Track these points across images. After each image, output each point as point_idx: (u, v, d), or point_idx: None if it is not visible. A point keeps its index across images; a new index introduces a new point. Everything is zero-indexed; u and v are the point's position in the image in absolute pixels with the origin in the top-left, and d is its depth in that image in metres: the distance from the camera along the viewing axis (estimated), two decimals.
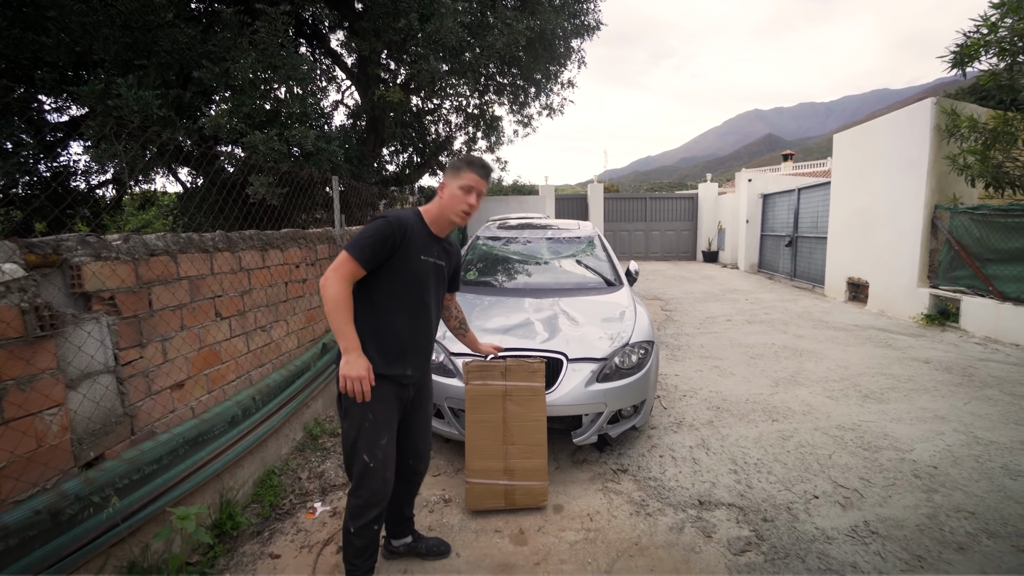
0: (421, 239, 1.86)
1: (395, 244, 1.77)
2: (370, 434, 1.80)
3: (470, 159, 1.90)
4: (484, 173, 1.90)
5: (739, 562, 2.16)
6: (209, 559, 2.18)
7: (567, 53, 8.70)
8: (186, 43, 4.82)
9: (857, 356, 5.11)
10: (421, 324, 1.90)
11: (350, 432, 1.82)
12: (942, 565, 2.10)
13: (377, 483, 1.81)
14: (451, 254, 2.07)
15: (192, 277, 2.33)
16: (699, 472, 2.93)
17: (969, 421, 3.49)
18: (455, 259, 2.11)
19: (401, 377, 1.87)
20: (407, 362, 1.87)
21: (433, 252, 1.92)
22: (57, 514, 1.56)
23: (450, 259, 2.06)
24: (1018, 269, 5.45)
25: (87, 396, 1.76)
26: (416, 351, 1.90)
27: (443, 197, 1.88)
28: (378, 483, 1.82)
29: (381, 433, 1.82)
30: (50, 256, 1.65)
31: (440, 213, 1.90)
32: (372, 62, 6.93)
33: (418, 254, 1.84)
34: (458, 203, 1.85)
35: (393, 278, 1.81)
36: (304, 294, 3.44)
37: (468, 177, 1.85)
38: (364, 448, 1.79)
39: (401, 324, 1.84)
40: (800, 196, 10.55)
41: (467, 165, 1.87)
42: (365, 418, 1.79)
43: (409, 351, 1.87)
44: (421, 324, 1.90)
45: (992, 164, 5.66)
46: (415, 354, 1.90)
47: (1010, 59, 5.32)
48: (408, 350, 1.87)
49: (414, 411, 2.02)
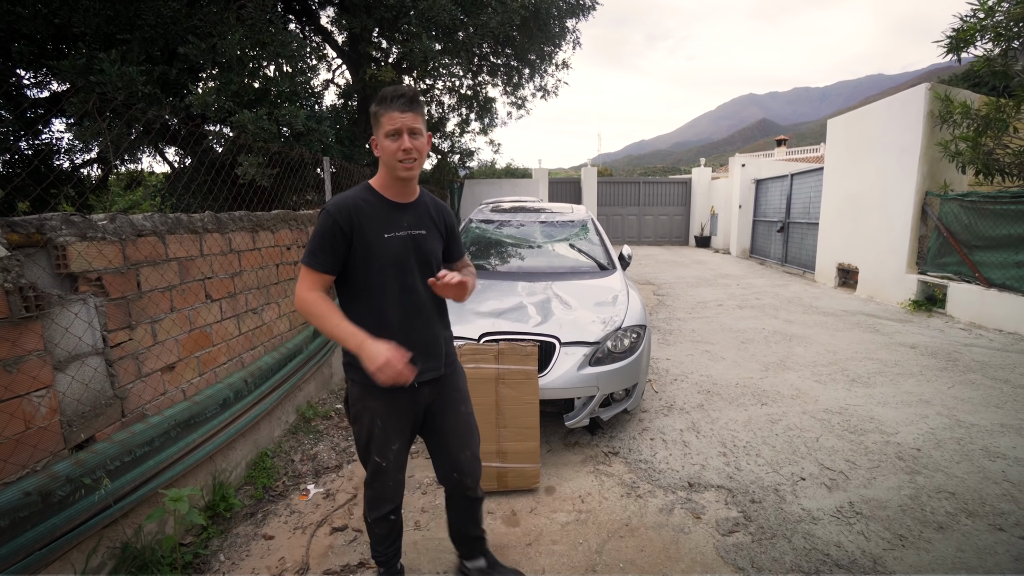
0: (378, 215, 1.58)
1: (344, 233, 1.53)
2: (380, 439, 1.67)
3: (381, 94, 1.52)
4: (404, 103, 1.49)
5: (727, 542, 2.21)
6: (202, 540, 2.18)
7: (562, 33, 8.57)
8: (171, 17, 4.67)
9: (845, 341, 5.18)
10: (414, 310, 1.63)
11: (361, 435, 1.70)
12: (922, 544, 2.16)
13: (389, 482, 1.73)
14: (434, 218, 1.71)
15: (181, 258, 2.29)
16: (689, 455, 2.97)
17: (952, 405, 3.57)
18: (442, 221, 1.75)
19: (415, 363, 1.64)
20: (414, 359, 1.60)
21: (402, 224, 1.61)
22: (48, 495, 1.55)
23: (434, 224, 1.71)
24: (1004, 256, 5.53)
25: (76, 378, 1.74)
26: (417, 343, 1.62)
27: (380, 156, 1.57)
28: (390, 482, 1.73)
29: (391, 439, 1.68)
30: (33, 236, 1.61)
31: (385, 175, 1.60)
32: (363, 40, 6.77)
33: (380, 233, 1.56)
34: (391, 152, 1.51)
35: (363, 270, 1.57)
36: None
37: (387, 119, 1.50)
38: (375, 450, 1.68)
39: (390, 317, 1.60)
40: (793, 182, 10.58)
41: (380, 104, 1.51)
42: (374, 425, 1.66)
43: (407, 344, 1.57)
44: (414, 310, 1.63)
45: (983, 151, 5.69)
46: (417, 346, 1.62)
47: (1005, 44, 5.30)
48: (405, 343, 1.57)
49: (441, 414, 1.75)
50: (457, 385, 1.79)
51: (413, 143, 1.51)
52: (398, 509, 1.80)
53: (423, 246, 1.65)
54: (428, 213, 1.70)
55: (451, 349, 1.80)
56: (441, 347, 1.72)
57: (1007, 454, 2.87)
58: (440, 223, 1.74)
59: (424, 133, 1.57)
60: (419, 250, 1.63)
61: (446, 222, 1.76)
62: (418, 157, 1.55)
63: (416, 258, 1.63)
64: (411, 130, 1.51)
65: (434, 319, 1.70)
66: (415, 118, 1.51)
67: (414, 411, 1.70)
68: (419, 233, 1.65)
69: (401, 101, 1.49)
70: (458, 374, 1.81)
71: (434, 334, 1.70)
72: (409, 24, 6.12)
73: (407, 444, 1.74)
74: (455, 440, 1.77)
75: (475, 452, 1.81)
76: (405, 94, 1.50)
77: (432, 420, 1.75)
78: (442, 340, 1.74)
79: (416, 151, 1.53)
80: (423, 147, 1.56)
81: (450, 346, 1.79)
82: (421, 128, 1.54)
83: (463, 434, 1.78)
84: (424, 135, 1.57)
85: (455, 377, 1.79)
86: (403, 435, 1.70)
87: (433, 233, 1.70)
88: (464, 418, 1.78)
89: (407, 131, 1.50)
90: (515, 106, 9.63)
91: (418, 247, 1.63)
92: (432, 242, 1.68)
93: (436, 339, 1.71)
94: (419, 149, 1.54)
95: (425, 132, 1.58)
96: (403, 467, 1.75)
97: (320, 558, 2.13)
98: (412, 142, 1.51)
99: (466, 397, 1.82)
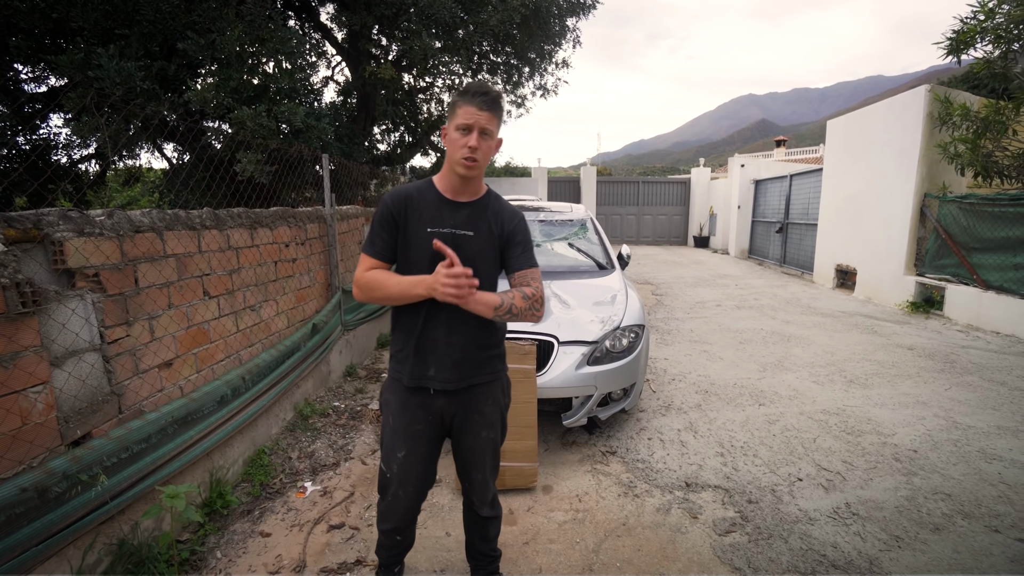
0: (430, 208, 1.54)
1: (395, 221, 1.52)
2: (387, 441, 1.63)
3: (465, 87, 1.49)
4: (484, 102, 1.45)
5: (724, 542, 2.22)
6: (199, 537, 2.18)
7: (562, 32, 8.55)
8: (169, 12, 4.65)
9: (843, 342, 5.19)
10: (437, 312, 1.53)
11: (381, 432, 1.66)
12: (919, 545, 2.17)
13: (388, 496, 1.66)
14: (490, 221, 1.59)
15: (179, 255, 2.28)
16: (686, 455, 2.97)
17: (949, 406, 3.58)
18: (501, 227, 1.61)
19: (423, 380, 1.57)
20: (427, 362, 1.57)
21: (448, 221, 1.54)
22: (44, 492, 1.54)
23: (489, 227, 1.59)
24: (1002, 258, 5.54)
25: (72, 374, 1.73)
26: (433, 348, 1.56)
27: (445, 145, 1.54)
28: (389, 497, 1.66)
29: (397, 444, 1.61)
30: (30, 231, 1.60)
31: (447, 170, 1.56)
32: (363, 37, 6.75)
33: (423, 226, 1.52)
34: (456, 148, 1.48)
35: (403, 262, 1.55)
36: (294, 274, 3.40)
37: (463, 112, 1.45)
38: (383, 455, 1.64)
39: (415, 315, 1.54)
40: (792, 182, 10.59)
41: (460, 96, 1.47)
42: (386, 422, 1.62)
43: (425, 348, 1.56)
44: (437, 312, 1.53)
45: (982, 153, 5.70)
46: (436, 353, 1.56)
47: (1005, 46, 5.31)
48: (424, 347, 1.56)
49: (461, 433, 1.67)
50: (481, 409, 1.67)
51: (480, 143, 1.47)
52: (403, 531, 1.74)
53: (465, 248, 1.53)
54: (485, 215, 1.60)
55: (486, 370, 1.66)
56: (458, 361, 1.59)
57: (1003, 456, 2.88)
58: (498, 228, 1.61)
59: (495, 137, 1.53)
60: (459, 251, 1.50)
61: (506, 228, 1.62)
62: (480, 159, 1.50)
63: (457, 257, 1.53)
64: (483, 130, 1.47)
65: (457, 328, 1.56)
66: (491, 119, 1.48)
67: (427, 419, 1.61)
68: (464, 234, 1.55)
69: (482, 99, 1.45)
70: (485, 398, 1.67)
71: (455, 344, 1.57)
72: (409, 21, 6.10)
73: (417, 459, 1.63)
74: (469, 459, 1.72)
75: (485, 477, 1.75)
76: (488, 92, 1.47)
77: (454, 434, 1.69)
78: (466, 354, 1.60)
79: (481, 152, 1.48)
80: (489, 150, 1.52)
81: (483, 368, 1.65)
82: (494, 131, 1.51)
83: (476, 457, 1.71)
84: (495, 139, 1.53)
85: (479, 399, 1.66)
86: (412, 444, 1.61)
87: (484, 237, 1.58)
88: (481, 442, 1.69)
89: (479, 129, 1.46)
90: (515, 105, 9.61)
91: (459, 247, 1.51)
92: (480, 246, 1.57)
93: (456, 349, 1.57)
94: (484, 151, 1.50)
95: (497, 137, 1.54)
96: (410, 482, 1.64)
97: (317, 555, 2.13)
98: (480, 141, 1.47)
99: (489, 422, 1.69)
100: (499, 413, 1.73)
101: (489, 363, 1.67)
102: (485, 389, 1.67)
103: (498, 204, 1.65)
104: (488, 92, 1.47)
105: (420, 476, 1.66)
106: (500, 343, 1.71)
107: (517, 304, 1.50)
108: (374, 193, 7.25)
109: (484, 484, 1.76)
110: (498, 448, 1.77)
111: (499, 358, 1.71)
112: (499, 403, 1.72)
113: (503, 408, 1.75)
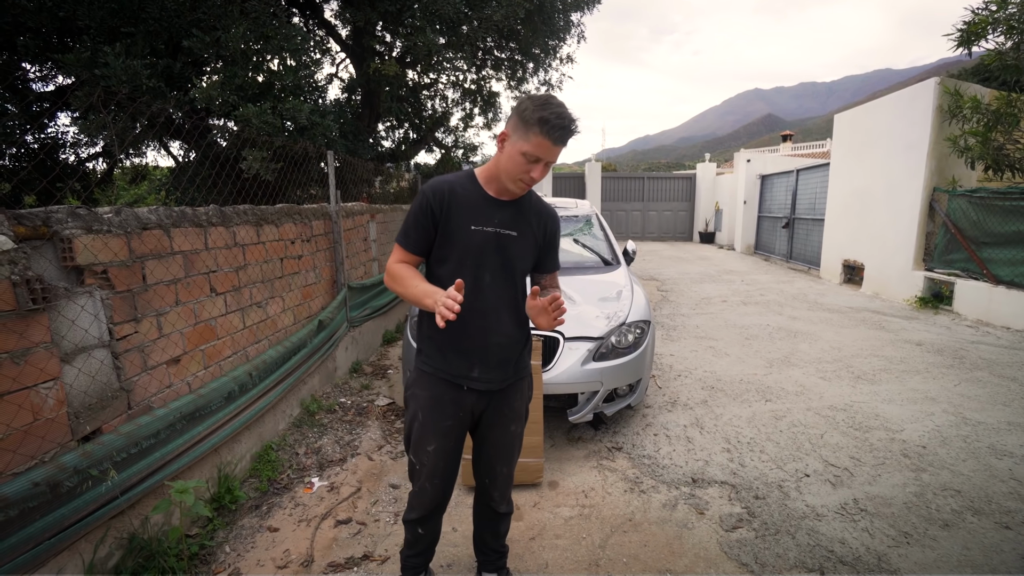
0: (472, 205, 1.50)
1: (434, 214, 1.48)
2: (417, 435, 1.61)
3: (545, 115, 1.35)
4: (559, 138, 1.37)
5: (730, 538, 2.21)
6: (208, 532, 2.20)
7: (567, 27, 8.50)
8: (175, 10, 4.66)
9: (851, 338, 5.15)
10: (479, 312, 1.50)
11: (405, 424, 1.66)
12: (928, 541, 2.15)
13: (416, 488, 1.67)
14: (532, 222, 1.56)
15: (186, 252, 2.29)
16: (693, 451, 2.97)
17: (959, 402, 3.55)
18: (542, 228, 1.59)
19: (460, 379, 1.56)
20: (471, 362, 1.54)
21: (492, 220, 1.50)
22: (56, 486, 1.56)
23: (531, 228, 1.56)
24: (1013, 253, 5.48)
25: (82, 370, 1.75)
26: (472, 347, 1.54)
27: (501, 154, 1.46)
28: (417, 488, 1.67)
29: (427, 438, 1.59)
30: (40, 228, 1.62)
31: (496, 174, 1.50)
32: (367, 34, 6.75)
33: (467, 223, 1.48)
34: (517, 170, 1.42)
35: (442, 256, 1.52)
36: (300, 270, 3.41)
37: (536, 143, 1.37)
38: (411, 448, 1.64)
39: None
40: (799, 177, 10.50)
41: (539, 125, 1.35)
42: (415, 417, 1.60)
43: (464, 345, 1.53)
44: (479, 312, 1.50)
45: (993, 146, 5.63)
46: (471, 351, 1.54)
47: (1017, 37, 5.23)
48: (463, 345, 1.53)
49: (489, 428, 1.67)
50: (511, 403, 1.66)
51: (538, 177, 1.45)
52: (427, 522, 1.73)
53: (509, 248, 1.52)
54: (528, 216, 1.56)
55: (521, 367, 1.66)
56: (501, 361, 1.57)
57: (1014, 452, 2.85)
58: (540, 229, 1.58)
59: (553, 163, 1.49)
60: (503, 251, 1.50)
61: (547, 229, 1.60)
62: (531, 186, 1.50)
63: (498, 258, 1.52)
64: (547, 164, 1.44)
65: (500, 328, 1.55)
66: (556, 154, 1.43)
67: (458, 415, 1.59)
68: (508, 234, 1.52)
69: (560, 134, 1.37)
70: (516, 393, 1.67)
71: (495, 343, 1.55)
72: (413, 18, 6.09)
73: (447, 453, 1.61)
74: (496, 454, 1.71)
75: (511, 471, 1.76)
76: (568, 128, 1.38)
77: (481, 428, 1.68)
78: (510, 354, 1.59)
79: (535, 183, 1.47)
80: (545, 175, 1.50)
81: (519, 365, 1.65)
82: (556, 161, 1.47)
83: (504, 451, 1.71)
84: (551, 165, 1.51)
85: (511, 395, 1.65)
86: (441, 440, 1.59)
87: (527, 238, 1.55)
88: (511, 436, 1.70)
89: (544, 164, 1.43)
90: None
91: (503, 248, 1.51)
92: (522, 247, 1.55)
93: (495, 349, 1.55)
94: (538, 181, 1.48)
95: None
96: (439, 475, 1.63)
97: (324, 550, 2.14)
98: (540, 175, 1.44)
99: (518, 415, 1.70)
100: (525, 406, 1.74)
101: (522, 360, 1.68)
102: (518, 385, 1.68)
103: (538, 203, 1.61)
104: (567, 127, 1.38)
105: (447, 470, 1.65)
106: (530, 338, 1.72)
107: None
108: (379, 190, 7.25)
109: (509, 477, 1.77)
110: (518, 442, 1.76)
111: (530, 353, 1.73)
112: (525, 397, 1.73)
113: (528, 401, 1.76)
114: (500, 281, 1.53)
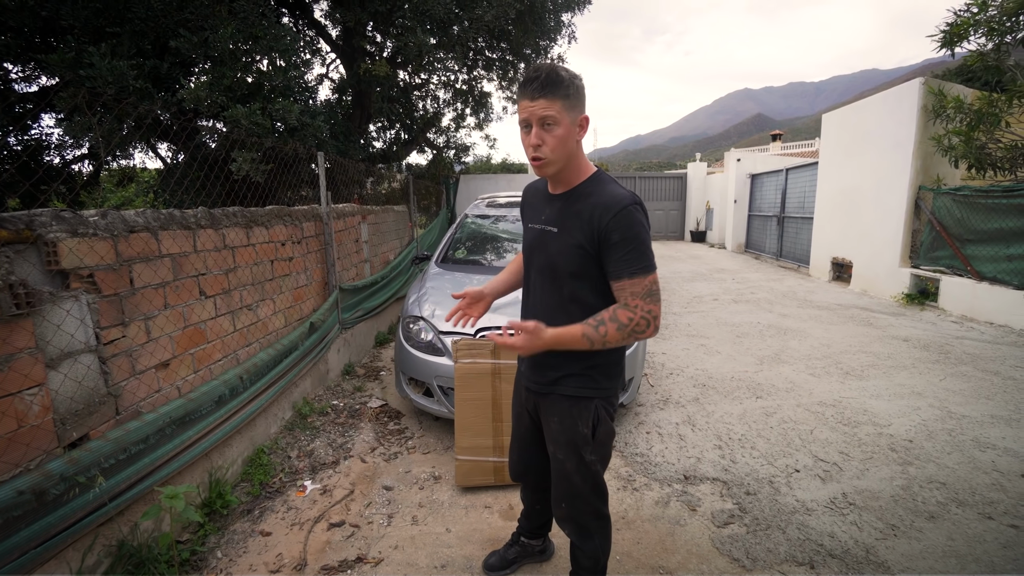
0: (534, 202, 1.52)
1: (522, 215, 1.59)
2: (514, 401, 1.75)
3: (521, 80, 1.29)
4: (533, 89, 1.23)
5: (722, 534, 2.23)
6: (200, 537, 2.18)
7: (558, 27, 8.53)
8: (161, 10, 4.61)
9: (839, 334, 5.21)
10: (529, 311, 1.50)
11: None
12: (914, 533, 2.19)
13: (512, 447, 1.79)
14: (582, 217, 1.33)
15: (175, 255, 2.27)
16: (685, 448, 2.99)
17: (944, 397, 3.60)
18: (594, 224, 1.31)
19: (520, 373, 1.67)
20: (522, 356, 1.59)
21: (541, 216, 1.43)
22: (42, 494, 1.54)
23: (579, 225, 1.34)
24: (995, 249, 5.57)
25: (68, 376, 1.73)
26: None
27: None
28: (512, 448, 1.80)
29: (512, 408, 1.75)
30: (23, 232, 1.59)
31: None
32: (357, 34, 6.72)
33: (527, 221, 1.53)
34: (524, 146, 1.32)
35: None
36: (291, 272, 3.39)
37: (520, 108, 1.29)
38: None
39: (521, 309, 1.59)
40: (788, 176, 10.60)
41: (518, 90, 1.29)
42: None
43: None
44: (529, 311, 1.50)
45: (976, 145, 5.72)
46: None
47: (998, 39, 5.32)
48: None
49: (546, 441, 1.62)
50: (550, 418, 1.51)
51: (544, 135, 1.26)
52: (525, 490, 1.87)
53: (548, 246, 1.39)
54: (575, 208, 1.36)
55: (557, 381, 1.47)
56: (537, 364, 1.49)
57: (997, 444, 2.91)
58: (587, 225, 1.32)
59: (562, 122, 1.26)
60: (543, 249, 1.39)
61: (598, 224, 1.30)
62: (549, 154, 1.28)
63: (541, 257, 1.42)
64: (542, 120, 1.24)
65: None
66: (548, 105, 1.23)
67: (522, 404, 1.67)
68: (549, 230, 1.39)
69: (532, 86, 1.23)
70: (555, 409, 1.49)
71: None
72: (403, 18, 6.08)
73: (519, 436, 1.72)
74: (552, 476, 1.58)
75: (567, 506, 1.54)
76: (538, 77, 1.23)
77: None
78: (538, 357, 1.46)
79: (548, 146, 1.26)
80: (560, 140, 1.26)
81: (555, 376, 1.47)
82: (556, 116, 1.25)
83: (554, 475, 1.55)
84: (562, 124, 1.26)
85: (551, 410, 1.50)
86: (516, 419, 1.73)
87: (571, 235, 1.34)
88: (558, 463, 1.52)
89: (536, 121, 1.25)
90: (511, 100, 9.60)
91: (543, 245, 1.40)
92: (563, 245, 1.36)
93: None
94: (552, 143, 1.26)
95: (567, 118, 1.27)
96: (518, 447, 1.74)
97: (318, 554, 2.13)
98: (543, 135, 1.26)
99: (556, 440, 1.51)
100: (567, 436, 1.47)
101: (564, 373, 1.46)
102: (558, 403, 1.48)
103: (597, 194, 1.34)
104: (537, 76, 1.23)
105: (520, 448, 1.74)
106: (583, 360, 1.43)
107: (610, 337, 1.28)
108: (370, 191, 7.22)
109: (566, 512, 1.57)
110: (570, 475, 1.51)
111: (577, 377, 1.44)
112: (567, 425, 1.47)
113: (576, 438, 1.46)
114: (544, 281, 1.43)
